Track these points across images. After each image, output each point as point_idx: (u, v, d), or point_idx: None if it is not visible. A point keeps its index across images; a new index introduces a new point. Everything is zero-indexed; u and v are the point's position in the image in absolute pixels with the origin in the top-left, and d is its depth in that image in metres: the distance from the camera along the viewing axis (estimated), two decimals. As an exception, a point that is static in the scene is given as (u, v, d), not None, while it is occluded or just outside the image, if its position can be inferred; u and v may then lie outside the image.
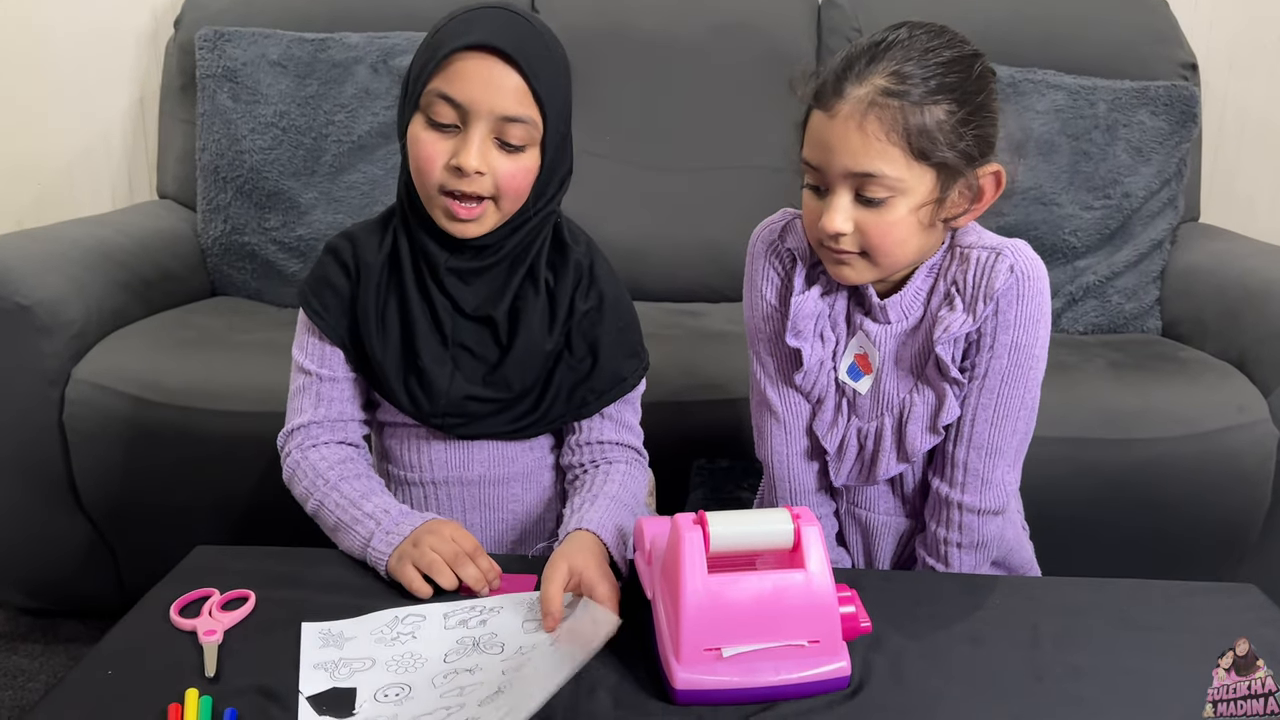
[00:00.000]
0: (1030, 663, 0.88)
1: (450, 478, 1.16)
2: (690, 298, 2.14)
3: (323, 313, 1.12)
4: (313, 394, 1.14)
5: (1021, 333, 1.05)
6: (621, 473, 1.15)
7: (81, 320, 1.72)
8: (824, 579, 0.83)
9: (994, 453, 1.08)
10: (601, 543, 1.01)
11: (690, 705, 0.81)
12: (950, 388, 1.06)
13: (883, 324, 1.09)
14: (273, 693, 0.82)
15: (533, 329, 1.10)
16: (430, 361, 1.09)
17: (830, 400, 1.14)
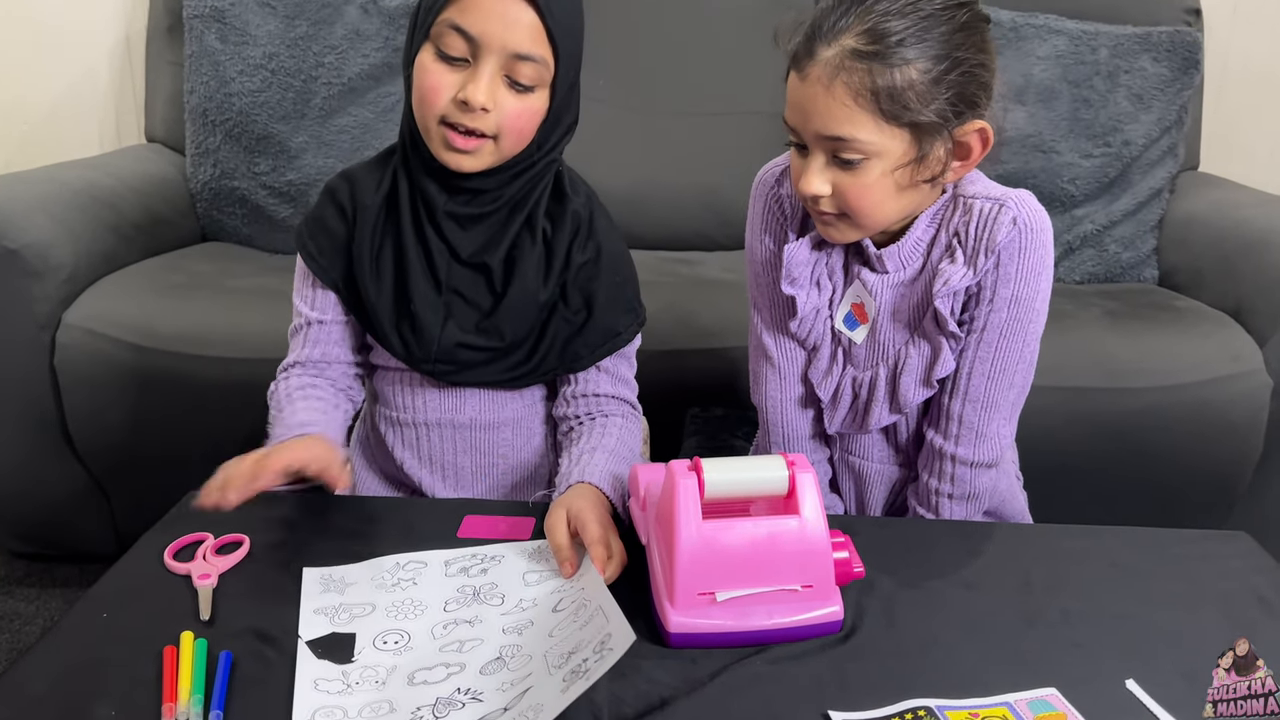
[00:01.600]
0: (1022, 608, 0.88)
1: (442, 420, 1.16)
2: (686, 246, 2.13)
3: (317, 256, 1.11)
4: (303, 336, 1.14)
5: (1022, 286, 1.04)
6: (619, 426, 1.14)
7: (71, 264, 1.70)
8: (818, 525, 0.83)
9: (989, 406, 1.07)
10: (602, 494, 1.01)
11: (684, 648, 0.82)
12: (947, 341, 1.06)
13: (880, 273, 1.08)
14: (268, 636, 0.83)
15: (527, 278, 1.09)
16: (422, 306, 1.08)
17: (826, 348, 1.14)
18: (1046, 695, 0.77)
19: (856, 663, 0.81)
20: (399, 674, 0.79)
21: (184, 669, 0.77)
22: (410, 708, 0.75)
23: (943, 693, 0.77)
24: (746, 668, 0.80)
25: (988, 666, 0.80)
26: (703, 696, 0.76)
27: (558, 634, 0.81)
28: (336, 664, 0.80)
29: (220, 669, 0.78)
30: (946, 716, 0.74)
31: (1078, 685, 0.78)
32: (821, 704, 0.75)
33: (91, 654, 0.80)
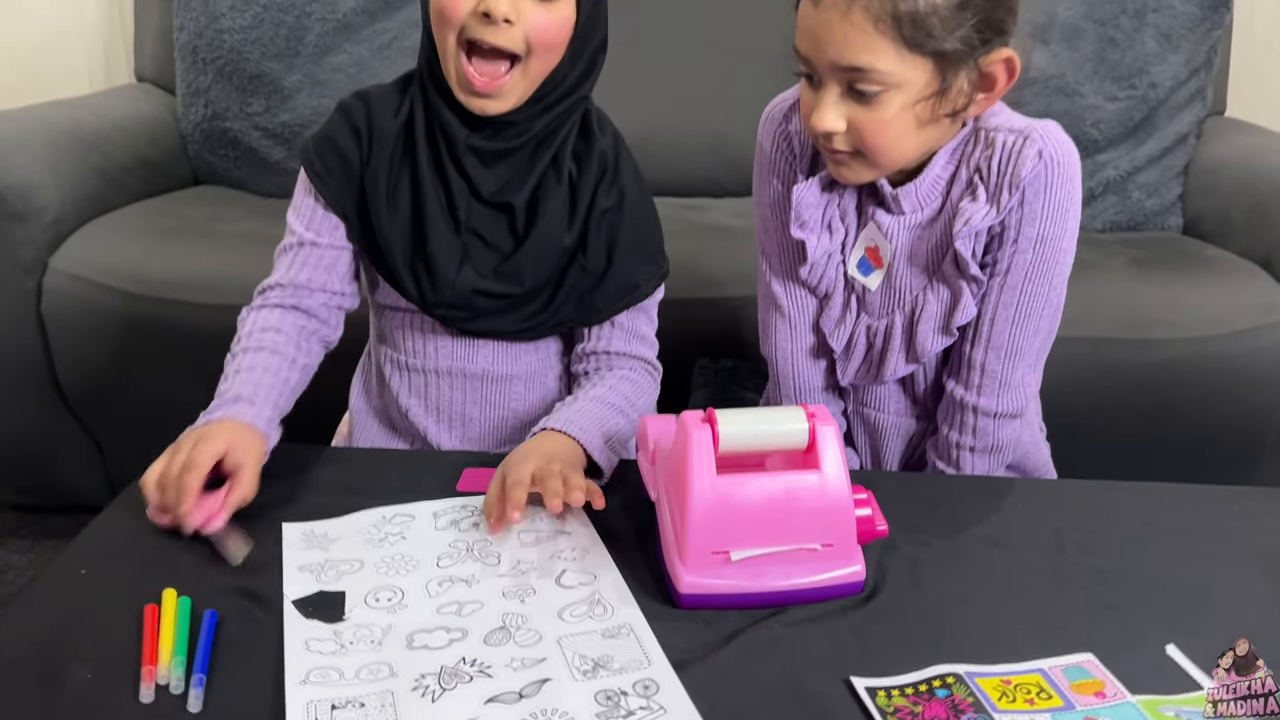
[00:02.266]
0: (1054, 568, 0.84)
1: (453, 369, 1.10)
2: (693, 192, 2.06)
3: (325, 176, 1.03)
4: (291, 257, 1.05)
5: (1049, 225, 0.97)
6: (619, 376, 1.08)
7: (57, 207, 1.64)
8: (839, 481, 0.78)
9: (1014, 354, 1.02)
10: (569, 439, 0.94)
11: (696, 610, 0.77)
12: (968, 285, 1.00)
13: (896, 215, 1.02)
14: (256, 594, 0.78)
15: (552, 220, 1.03)
16: (439, 247, 1.02)
17: (838, 296, 1.08)
18: (1083, 662, 0.73)
19: (879, 626, 0.76)
20: (396, 634, 0.75)
21: (165, 629, 0.73)
22: (413, 674, 0.70)
23: (972, 658, 0.72)
24: (763, 631, 0.75)
25: (1019, 630, 0.76)
26: (717, 661, 0.72)
27: (570, 622, 0.76)
28: (327, 623, 0.76)
29: (204, 629, 0.73)
30: (977, 684, 0.70)
31: (1115, 651, 0.73)
32: (843, 669, 0.71)
33: (68, 613, 0.75)
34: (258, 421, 0.93)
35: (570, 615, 0.77)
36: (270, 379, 0.98)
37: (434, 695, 0.68)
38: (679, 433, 0.80)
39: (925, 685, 0.70)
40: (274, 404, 0.97)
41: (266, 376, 0.98)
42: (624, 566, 0.83)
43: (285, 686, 0.68)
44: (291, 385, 1.01)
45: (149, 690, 0.67)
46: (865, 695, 0.68)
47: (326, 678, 0.70)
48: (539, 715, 0.66)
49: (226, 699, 0.67)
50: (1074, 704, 0.68)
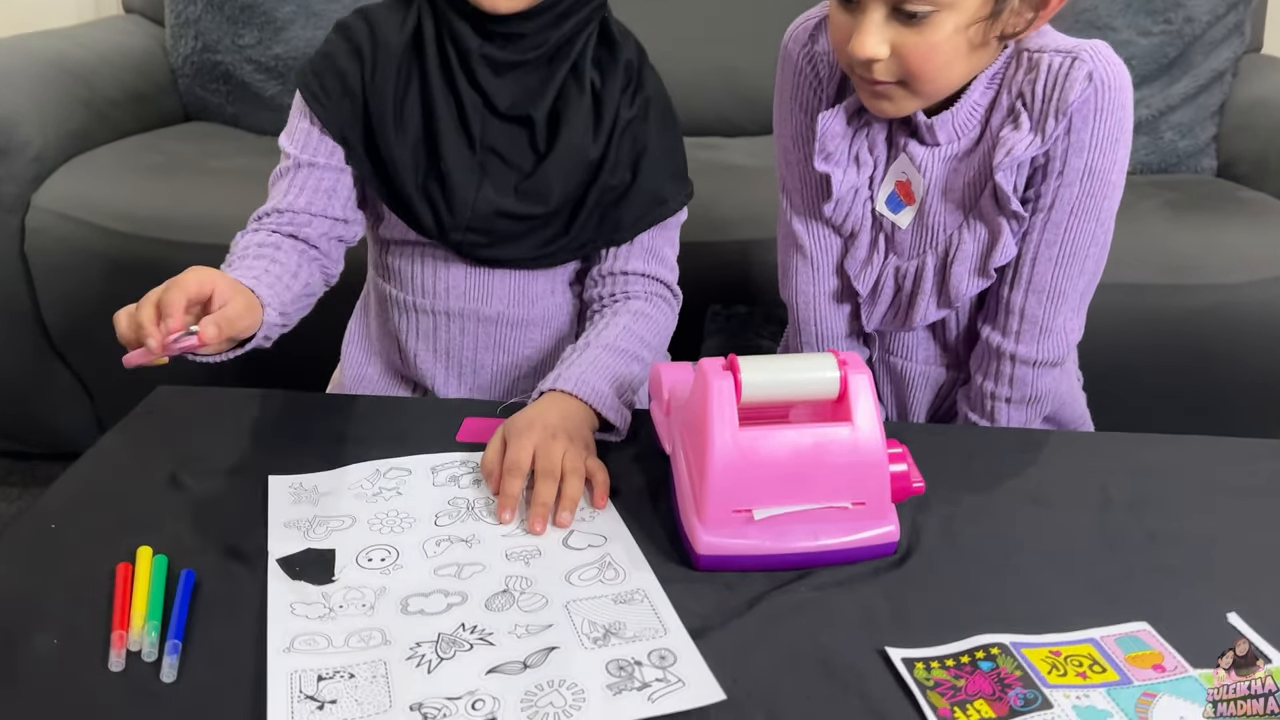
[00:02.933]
0: (1102, 528, 0.77)
1: (465, 310, 1.02)
2: (705, 131, 1.98)
3: (322, 98, 0.96)
4: (287, 182, 0.96)
5: (1098, 155, 0.90)
6: (632, 311, 1.00)
7: (39, 141, 1.57)
8: (873, 434, 0.72)
9: (1056, 297, 0.95)
10: (579, 403, 0.87)
11: (715, 572, 0.71)
12: (1008, 223, 0.92)
13: (930, 146, 0.94)
14: (238, 552, 0.72)
15: (576, 131, 0.95)
16: (455, 166, 0.94)
17: (865, 235, 1.00)
18: (1137, 631, 0.67)
19: (914, 591, 0.70)
20: (390, 598, 0.69)
21: (139, 590, 0.67)
22: (408, 642, 0.64)
23: (1016, 627, 0.66)
24: (788, 595, 0.69)
25: (1067, 597, 0.70)
26: (738, 628, 0.66)
27: (579, 586, 0.70)
28: (315, 585, 0.70)
29: (181, 590, 0.67)
30: (1025, 656, 0.64)
31: (1172, 619, 0.67)
32: (876, 638, 0.65)
33: (34, 573, 0.70)
34: (256, 287, 0.83)
35: (579, 579, 0.71)
36: (272, 276, 0.88)
37: (430, 665, 0.62)
38: (698, 381, 0.74)
39: (968, 657, 0.64)
40: (277, 295, 0.86)
41: (266, 276, 0.87)
42: (636, 526, 0.76)
43: (267, 654, 0.62)
44: (294, 292, 0.91)
45: (119, 658, 0.61)
46: (902, 667, 0.62)
47: (313, 644, 0.64)
48: (545, 687, 0.60)
49: (202, 668, 0.61)
50: (1130, 678, 0.62)
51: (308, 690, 0.60)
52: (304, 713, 0.58)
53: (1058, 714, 0.59)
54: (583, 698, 0.59)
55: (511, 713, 0.58)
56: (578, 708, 0.58)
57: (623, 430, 0.88)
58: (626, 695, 0.59)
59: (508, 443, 0.81)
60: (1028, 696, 0.60)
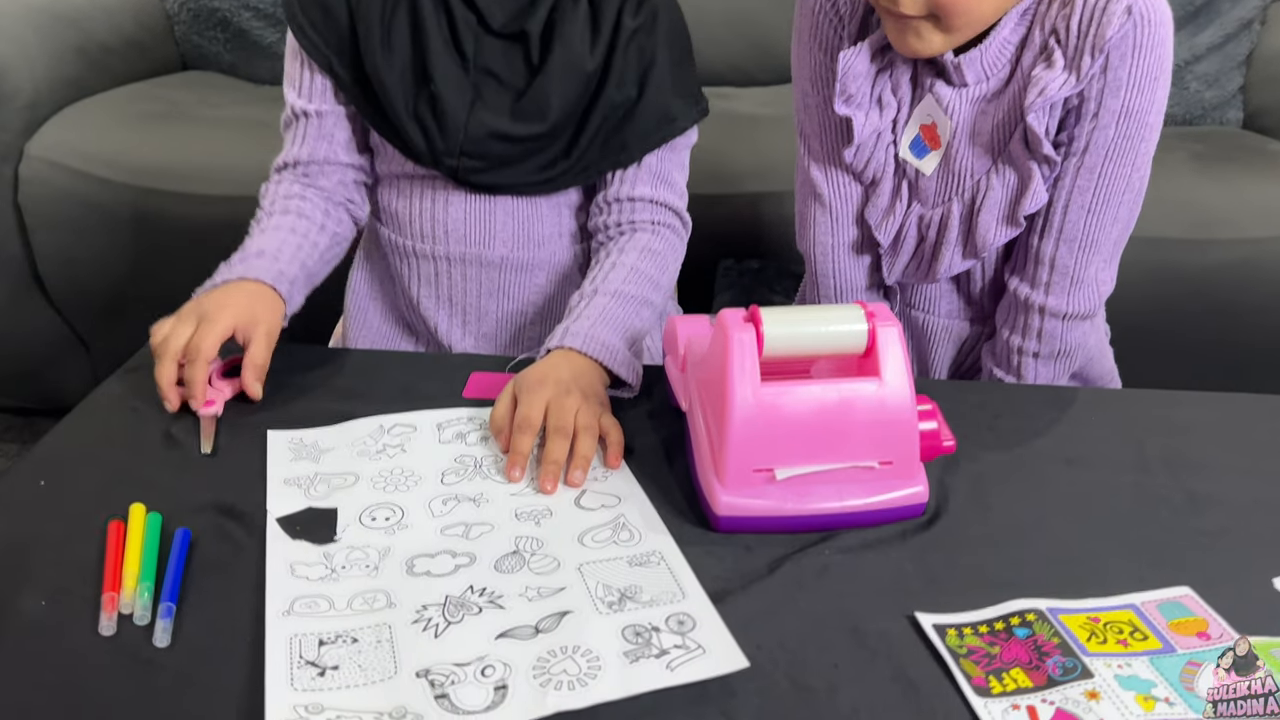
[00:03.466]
0: (1139, 489, 0.74)
1: (467, 255, 0.99)
2: (716, 80, 1.92)
3: (307, 28, 0.92)
4: (293, 133, 0.97)
5: (1136, 95, 0.85)
6: (639, 249, 0.95)
7: (31, 89, 1.53)
8: (902, 390, 0.68)
9: (1088, 246, 0.91)
10: (590, 361, 0.83)
11: (734, 534, 0.68)
12: (1039, 168, 0.88)
13: (958, 87, 0.90)
14: (235, 511, 0.69)
15: (571, 44, 0.91)
16: (446, 85, 0.90)
17: (887, 182, 0.96)
18: (1180, 596, 0.63)
19: (944, 554, 0.67)
20: (394, 559, 0.66)
21: (131, 550, 0.64)
22: (414, 605, 0.61)
23: (1052, 592, 0.63)
24: (812, 558, 0.66)
25: (1104, 560, 0.66)
26: (761, 591, 0.63)
27: (593, 547, 0.67)
28: (316, 544, 0.67)
29: (175, 551, 0.64)
30: (1061, 622, 0.60)
31: (1215, 584, 0.64)
32: (905, 604, 0.62)
33: (22, 531, 0.66)
34: (279, 281, 0.86)
35: (592, 540, 0.67)
36: (297, 240, 0.91)
37: (437, 629, 0.59)
38: (717, 334, 0.70)
39: (1002, 623, 0.60)
40: (301, 264, 0.90)
41: (293, 237, 0.91)
42: (650, 485, 0.73)
43: (265, 618, 0.59)
44: (321, 249, 0.93)
45: (109, 621, 0.58)
46: (933, 634, 0.59)
47: (314, 607, 0.61)
48: (558, 653, 0.57)
49: (197, 632, 0.58)
50: (1174, 646, 0.59)
51: (308, 655, 0.57)
52: (304, 679, 0.55)
53: (1099, 684, 0.56)
54: (598, 665, 0.56)
55: (523, 680, 0.55)
56: (593, 675, 0.55)
57: (635, 386, 0.84)
58: (644, 663, 0.56)
59: (518, 399, 0.78)
60: (1066, 665, 0.57)
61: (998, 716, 0.54)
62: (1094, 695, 0.55)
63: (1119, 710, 0.54)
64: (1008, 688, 0.56)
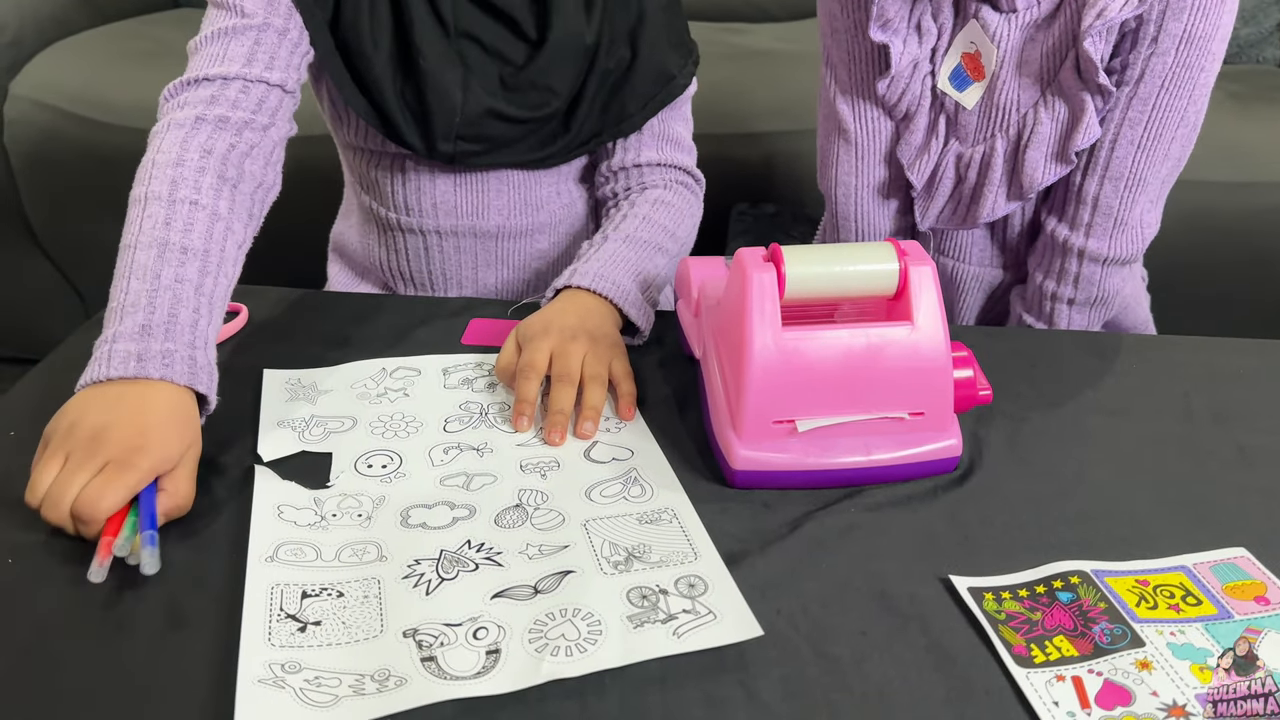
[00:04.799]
0: (1187, 442, 0.69)
1: (460, 228, 0.92)
2: (729, 15, 1.86)
3: None
4: (249, 41, 0.76)
5: (1199, 20, 0.79)
6: (652, 200, 0.90)
7: (15, 26, 1.47)
8: (936, 335, 0.63)
9: (1136, 185, 0.85)
10: (600, 299, 0.77)
11: (752, 490, 0.63)
12: (1092, 99, 0.81)
13: (1006, 12, 0.83)
14: (223, 453, 0.65)
15: (568, 17, 0.85)
16: (436, 63, 0.83)
17: (922, 117, 0.89)
18: (1235, 558, 0.59)
19: (979, 511, 0.62)
20: (389, 509, 0.61)
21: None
22: (406, 558, 0.57)
23: (1096, 553, 0.58)
24: (836, 516, 0.61)
25: (1151, 519, 0.62)
26: (780, 552, 0.58)
27: (600, 503, 0.62)
28: (307, 489, 0.62)
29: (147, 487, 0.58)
30: (1108, 585, 0.56)
31: (1273, 545, 0.59)
32: (938, 565, 0.57)
33: (-10, 484, 0.62)
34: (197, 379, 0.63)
35: (601, 495, 0.63)
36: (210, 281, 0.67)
37: (430, 585, 0.55)
38: (734, 275, 0.65)
39: (1043, 586, 0.56)
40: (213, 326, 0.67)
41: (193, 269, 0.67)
42: (661, 438, 0.69)
43: (247, 563, 0.55)
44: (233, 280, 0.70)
45: (102, 568, 0.53)
46: (969, 598, 0.55)
47: (299, 555, 0.57)
48: (557, 616, 0.53)
49: (175, 579, 0.54)
50: (1230, 611, 0.55)
51: (289, 609, 0.53)
52: (283, 633, 0.51)
53: (1150, 653, 0.52)
54: (599, 630, 0.52)
55: (517, 644, 0.51)
56: (592, 641, 0.51)
57: (646, 331, 0.79)
58: (649, 629, 0.52)
59: (522, 347, 0.73)
60: (1115, 633, 0.53)
61: (1041, 689, 0.50)
62: (1145, 665, 0.51)
63: (1173, 682, 0.50)
64: (1051, 657, 0.51)
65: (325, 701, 0.47)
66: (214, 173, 0.71)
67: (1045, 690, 0.50)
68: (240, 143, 0.74)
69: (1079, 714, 0.48)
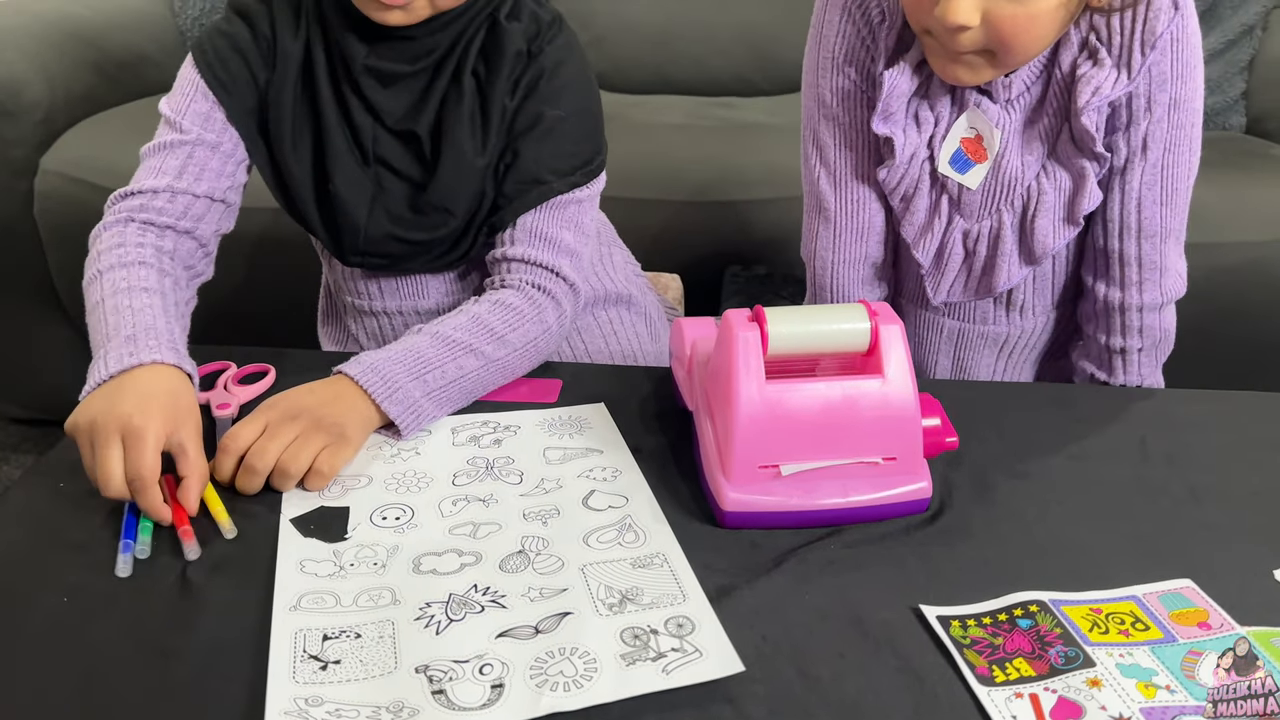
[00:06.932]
0: (1142, 483, 0.75)
1: (404, 308, 0.99)
2: (722, 91, 1.94)
3: (230, 86, 0.89)
4: (182, 155, 0.88)
5: (1181, 85, 0.86)
6: (493, 301, 0.87)
7: (47, 103, 1.55)
8: (905, 386, 0.69)
9: (1167, 235, 0.92)
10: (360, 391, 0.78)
11: (740, 529, 0.69)
12: (1091, 165, 0.88)
13: (1002, 103, 0.89)
14: (249, 510, 0.70)
15: (460, 143, 0.90)
16: (345, 186, 0.90)
17: (923, 199, 0.94)
18: (1181, 588, 0.64)
19: (948, 548, 0.68)
20: (402, 557, 0.67)
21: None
22: (417, 602, 0.62)
23: (1055, 585, 0.64)
24: (818, 552, 0.67)
25: (1106, 553, 0.67)
26: (766, 585, 0.64)
27: (597, 549, 0.68)
28: (326, 543, 0.68)
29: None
30: (1064, 613, 0.61)
31: (1216, 576, 0.65)
32: (910, 596, 0.63)
33: (43, 530, 0.68)
34: (183, 361, 0.77)
35: (598, 541, 0.68)
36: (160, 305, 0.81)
37: (439, 626, 0.60)
38: (722, 334, 0.71)
39: (1005, 614, 0.61)
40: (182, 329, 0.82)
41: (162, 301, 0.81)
42: (659, 485, 0.74)
43: (273, 612, 0.61)
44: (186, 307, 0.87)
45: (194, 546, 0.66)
46: (938, 625, 0.60)
47: (320, 603, 0.62)
48: (556, 654, 0.58)
49: (209, 627, 0.60)
50: (1175, 636, 0.60)
51: (311, 649, 0.58)
52: (306, 672, 0.56)
53: (1101, 672, 0.57)
54: (594, 667, 0.57)
55: (519, 679, 0.56)
56: (588, 678, 0.56)
57: (407, 431, 0.79)
58: (640, 666, 0.57)
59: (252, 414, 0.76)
60: (1069, 654, 0.58)
61: (1001, 705, 0.55)
62: (1096, 683, 0.56)
63: (1120, 697, 0.55)
64: (1011, 676, 0.57)
65: (346, 730, 0.52)
66: (152, 247, 0.86)
67: (1005, 706, 0.55)
68: (164, 241, 0.87)
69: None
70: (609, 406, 0.84)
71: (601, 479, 0.75)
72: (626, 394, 0.86)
